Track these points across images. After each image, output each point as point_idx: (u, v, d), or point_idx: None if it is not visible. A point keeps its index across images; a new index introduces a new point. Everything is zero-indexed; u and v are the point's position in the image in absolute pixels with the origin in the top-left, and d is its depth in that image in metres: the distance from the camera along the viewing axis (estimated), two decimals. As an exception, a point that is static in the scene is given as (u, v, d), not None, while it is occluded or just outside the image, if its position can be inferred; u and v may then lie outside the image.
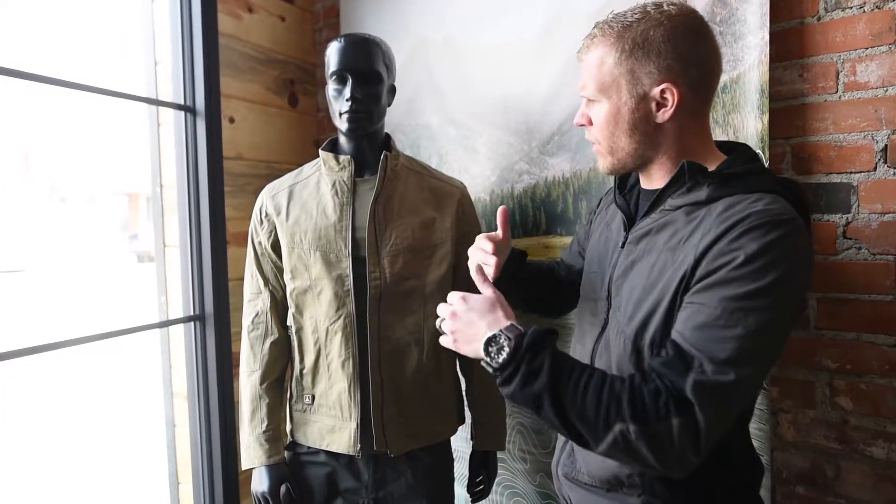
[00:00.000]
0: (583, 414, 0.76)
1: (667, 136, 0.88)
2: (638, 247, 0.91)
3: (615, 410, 0.75)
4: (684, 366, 0.75)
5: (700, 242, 0.80)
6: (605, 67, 0.87)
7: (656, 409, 0.73)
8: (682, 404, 0.73)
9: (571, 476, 0.99)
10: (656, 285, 0.84)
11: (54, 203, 26.03)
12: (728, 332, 0.74)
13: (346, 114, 1.25)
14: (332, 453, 1.32)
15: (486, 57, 1.66)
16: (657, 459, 0.74)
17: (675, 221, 0.86)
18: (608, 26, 0.88)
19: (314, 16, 2.07)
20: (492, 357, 0.81)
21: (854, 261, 1.23)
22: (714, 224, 0.80)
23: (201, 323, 1.69)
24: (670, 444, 0.73)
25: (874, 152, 1.20)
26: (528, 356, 0.78)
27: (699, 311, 0.76)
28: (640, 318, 0.85)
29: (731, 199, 0.81)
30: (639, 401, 0.75)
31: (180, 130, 1.67)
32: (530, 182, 1.61)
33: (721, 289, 0.75)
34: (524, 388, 0.78)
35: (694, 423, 0.73)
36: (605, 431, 0.75)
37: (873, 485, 1.22)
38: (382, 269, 1.27)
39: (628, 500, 0.90)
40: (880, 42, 1.18)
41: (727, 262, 0.75)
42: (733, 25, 1.28)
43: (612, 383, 0.77)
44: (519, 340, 0.79)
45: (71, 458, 4.28)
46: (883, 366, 1.21)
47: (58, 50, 49.97)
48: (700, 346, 0.75)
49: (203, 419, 1.69)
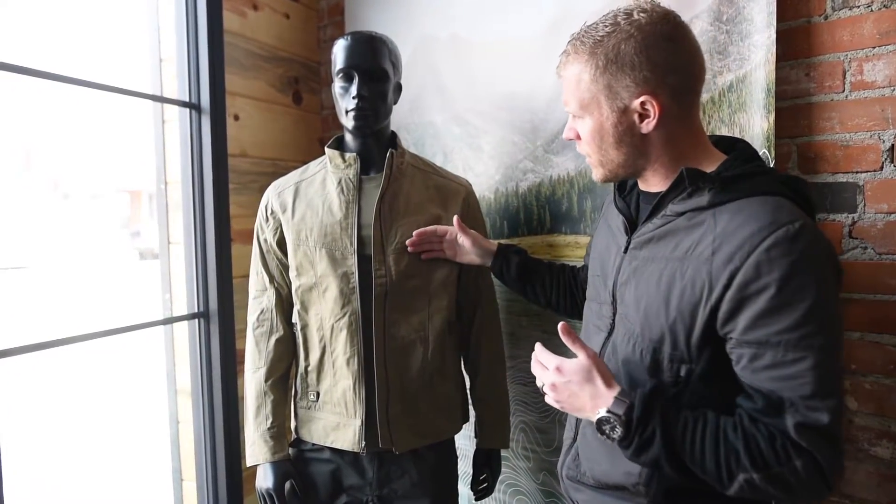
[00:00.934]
0: (704, 469, 0.78)
1: (655, 144, 0.87)
2: (641, 254, 0.90)
3: (735, 463, 0.76)
4: (778, 411, 0.76)
5: (713, 258, 0.79)
6: (583, 84, 0.87)
7: (775, 455, 0.75)
8: (797, 446, 0.74)
9: (576, 479, 0.99)
10: (669, 300, 0.84)
11: (57, 200, 26.08)
12: (802, 366, 0.74)
13: (352, 111, 1.25)
14: (337, 450, 1.32)
15: (491, 55, 1.66)
16: (789, 496, 0.76)
17: (677, 229, 0.85)
18: (580, 42, 0.87)
19: (319, 13, 2.07)
20: (607, 435, 0.82)
21: (860, 260, 1.23)
22: (723, 236, 0.79)
23: (205, 320, 1.70)
24: (798, 482, 0.75)
25: (881, 152, 1.20)
26: (639, 430, 0.79)
27: (760, 352, 0.76)
28: (657, 332, 0.85)
29: (735, 206, 0.81)
30: (755, 449, 0.75)
31: (185, 127, 1.67)
32: (535, 180, 1.61)
33: (770, 323, 0.75)
34: (640, 455, 0.80)
35: (814, 461, 0.74)
36: (729, 482, 0.77)
37: (878, 484, 1.22)
38: (388, 267, 1.27)
39: (636, 498, 0.91)
40: (888, 41, 1.17)
41: (761, 292, 0.75)
42: (740, 24, 1.28)
43: (726, 434, 0.77)
44: (629, 415, 0.79)
45: (75, 454, 4.30)
46: (888, 365, 1.20)
47: (62, 46, 50.01)
48: (781, 388, 0.75)
49: (207, 416, 1.69)
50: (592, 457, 0.96)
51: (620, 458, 0.86)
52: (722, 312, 0.78)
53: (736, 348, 0.79)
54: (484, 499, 1.44)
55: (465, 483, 1.54)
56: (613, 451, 0.88)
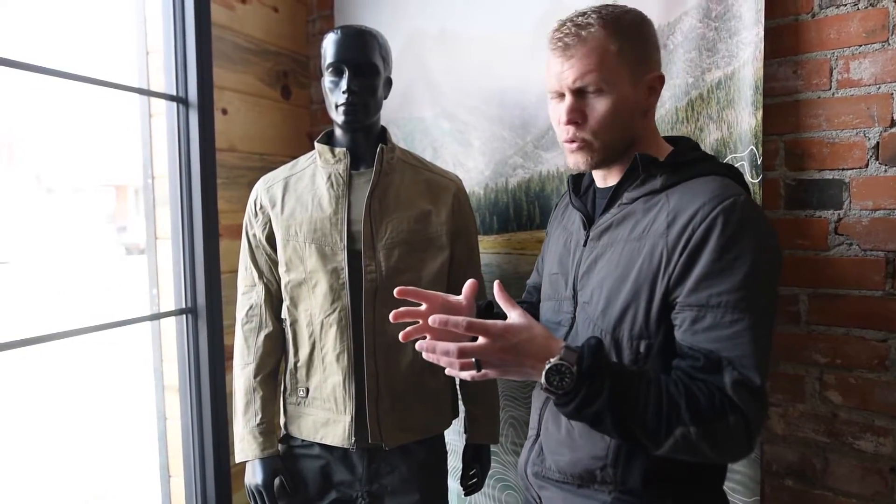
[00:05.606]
0: (644, 422, 0.78)
1: (643, 126, 0.93)
2: (601, 242, 0.93)
3: (675, 416, 0.77)
4: (716, 368, 0.79)
5: (668, 231, 0.84)
6: (609, 57, 0.86)
7: (713, 409, 0.77)
8: (731, 402, 0.78)
9: (542, 475, 0.98)
10: (628, 277, 0.87)
11: (40, 194, 25.72)
12: (739, 327, 0.78)
13: (342, 106, 1.24)
14: (327, 446, 1.32)
15: (481, 50, 1.66)
16: (716, 453, 0.79)
17: (634, 213, 0.90)
18: (598, 16, 0.87)
19: (308, 7, 2.06)
20: (555, 388, 0.78)
21: (845, 257, 1.24)
22: (676, 210, 0.84)
23: (193, 316, 1.68)
24: (727, 439, 0.78)
25: (866, 149, 1.21)
26: (588, 380, 0.77)
27: (701, 314, 0.80)
28: (616, 309, 0.87)
29: (686, 185, 0.87)
30: (695, 403, 0.78)
31: (172, 121, 1.65)
32: (525, 176, 1.61)
33: (712, 285, 0.80)
34: (584, 408, 0.78)
35: (745, 419, 0.78)
36: (666, 437, 0.78)
37: (861, 477, 1.24)
38: (378, 263, 1.27)
39: (598, 496, 0.91)
40: (874, 39, 1.19)
41: (705, 256, 0.80)
42: (728, 21, 1.29)
43: (668, 389, 0.79)
44: (579, 363, 0.78)
45: (61, 451, 4.25)
46: (872, 360, 1.22)
47: (46, 38, 49.26)
48: (720, 349, 0.79)
49: (195, 412, 1.68)
50: (557, 449, 0.95)
51: (585, 444, 0.90)
52: (674, 277, 0.83)
53: (680, 312, 0.83)
54: (473, 494, 1.45)
55: (454, 478, 1.54)
56: (578, 439, 0.91)
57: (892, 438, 1.21)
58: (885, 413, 1.21)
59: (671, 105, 1.37)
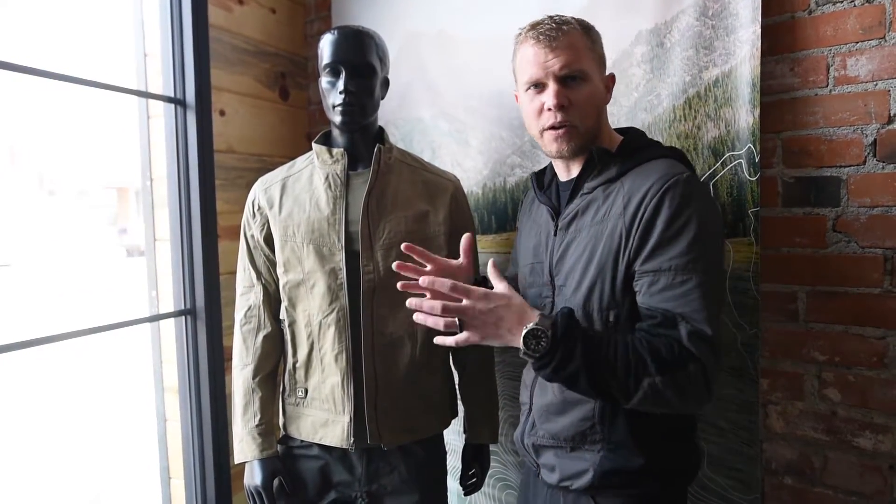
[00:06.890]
0: (616, 376, 0.86)
1: (604, 119, 1.06)
2: (569, 230, 1.04)
3: (643, 368, 0.86)
4: (672, 324, 0.89)
5: (625, 211, 0.95)
6: (586, 51, 1.00)
7: (674, 358, 0.86)
8: (689, 352, 0.87)
9: (537, 444, 1.08)
10: (594, 256, 0.97)
11: (42, 196, 25.76)
12: (689, 286, 0.89)
13: (339, 106, 1.24)
14: (326, 447, 1.32)
15: (479, 50, 1.65)
16: (681, 401, 0.88)
17: (595, 200, 1.01)
18: (567, 23, 1.00)
19: (305, 8, 2.06)
20: (532, 350, 0.87)
21: (843, 254, 1.24)
22: (630, 192, 0.95)
23: (192, 317, 1.69)
24: (690, 386, 0.87)
25: (864, 146, 1.21)
26: (563, 342, 0.86)
27: (655, 278, 0.91)
28: (586, 286, 0.98)
29: (638, 169, 0.98)
30: (658, 355, 0.86)
31: (170, 123, 1.65)
32: (523, 175, 1.61)
33: (663, 252, 0.91)
34: (560, 370, 0.87)
35: (703, 367, 0.87)
36: (636, 389, 0.86)
37: (860, 475, 1.24)
38: (376, 263, 1.27)
39: (587, 455, 1.00)
40: (871, 36, 1.19)
41: (657, 227, 0.91)
42: (725, 19, 1.29)
43: (634, 345, 0.88)
44: (554, 329, 0.86)
45: (62, 453, 4.26)
46: (871, 358, 1.22)
47: (46, 41, 49.35)
48: (674, 307, 0.89)
49: (194, 413, 1.68)
50: (547, 417, 1.05)
51: (573, 409, 1.00)
52: (632, 250, 0.93)
53: (639, 280, 0.94)
54: (473, 493, 1.45)
55: (454, 478, 1.54)
56: (566, 405, 1.01)
57: (891, 436, 1.21)
58: (883, 410, 1.21)
59: (669, 104, 1.37)
